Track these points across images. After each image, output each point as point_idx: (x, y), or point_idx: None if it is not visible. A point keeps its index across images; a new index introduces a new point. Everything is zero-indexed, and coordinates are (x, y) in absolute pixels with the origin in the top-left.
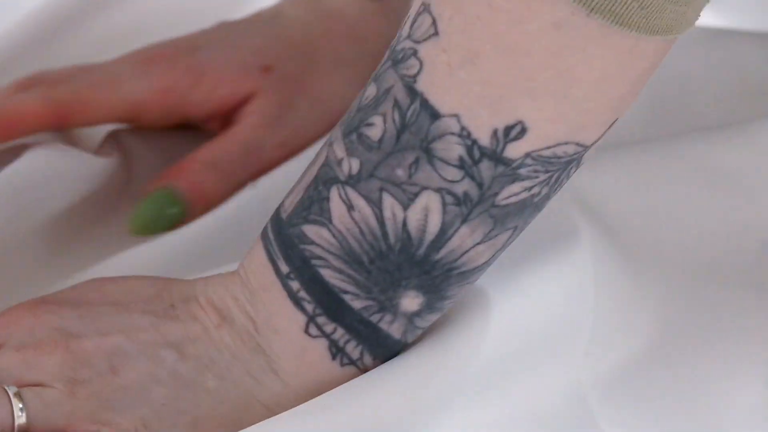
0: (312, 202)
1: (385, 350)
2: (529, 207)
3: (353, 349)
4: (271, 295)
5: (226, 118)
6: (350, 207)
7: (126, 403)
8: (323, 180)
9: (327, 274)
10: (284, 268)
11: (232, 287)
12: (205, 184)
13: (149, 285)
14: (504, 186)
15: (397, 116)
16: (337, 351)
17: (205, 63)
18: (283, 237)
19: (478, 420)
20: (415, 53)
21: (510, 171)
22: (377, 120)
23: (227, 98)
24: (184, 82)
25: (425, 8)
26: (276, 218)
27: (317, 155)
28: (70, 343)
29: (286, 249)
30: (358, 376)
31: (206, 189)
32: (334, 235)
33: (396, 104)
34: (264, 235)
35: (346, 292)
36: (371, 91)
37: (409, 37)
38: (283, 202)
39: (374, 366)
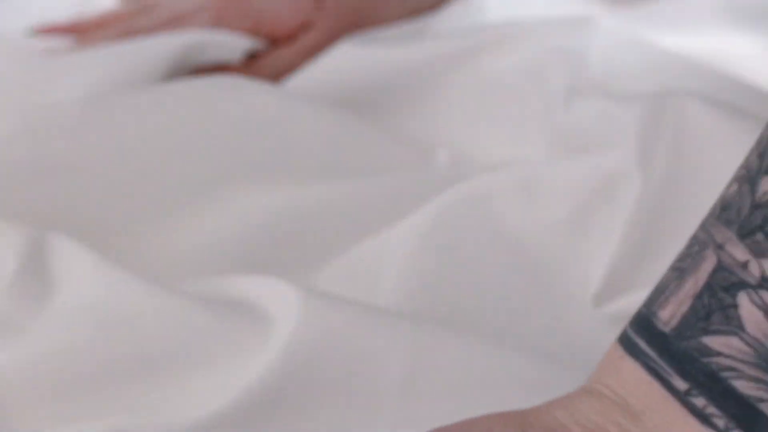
0: (710, 311)
1: None
2: None
3: None
4: (664, 416)
5: None
6: None
7: None
8: (723, 287)
9: (741, 386)
10: (681, 385)
11: (609, 412)
12: None
13: (502, 424)
14: None
15: None
16: None
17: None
18: (674, 352)
19: None
20: None
21: None
22: None
23: (285, 33)
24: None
25: None
26: (650, 332)
27: (693, 259)
28: None
29: (680, 364)
30: None
31: None
32: (747, 344)
33: None
34: (633, 351)
35: (762, 401)
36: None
37: None
38: (653, 313)
39: None
